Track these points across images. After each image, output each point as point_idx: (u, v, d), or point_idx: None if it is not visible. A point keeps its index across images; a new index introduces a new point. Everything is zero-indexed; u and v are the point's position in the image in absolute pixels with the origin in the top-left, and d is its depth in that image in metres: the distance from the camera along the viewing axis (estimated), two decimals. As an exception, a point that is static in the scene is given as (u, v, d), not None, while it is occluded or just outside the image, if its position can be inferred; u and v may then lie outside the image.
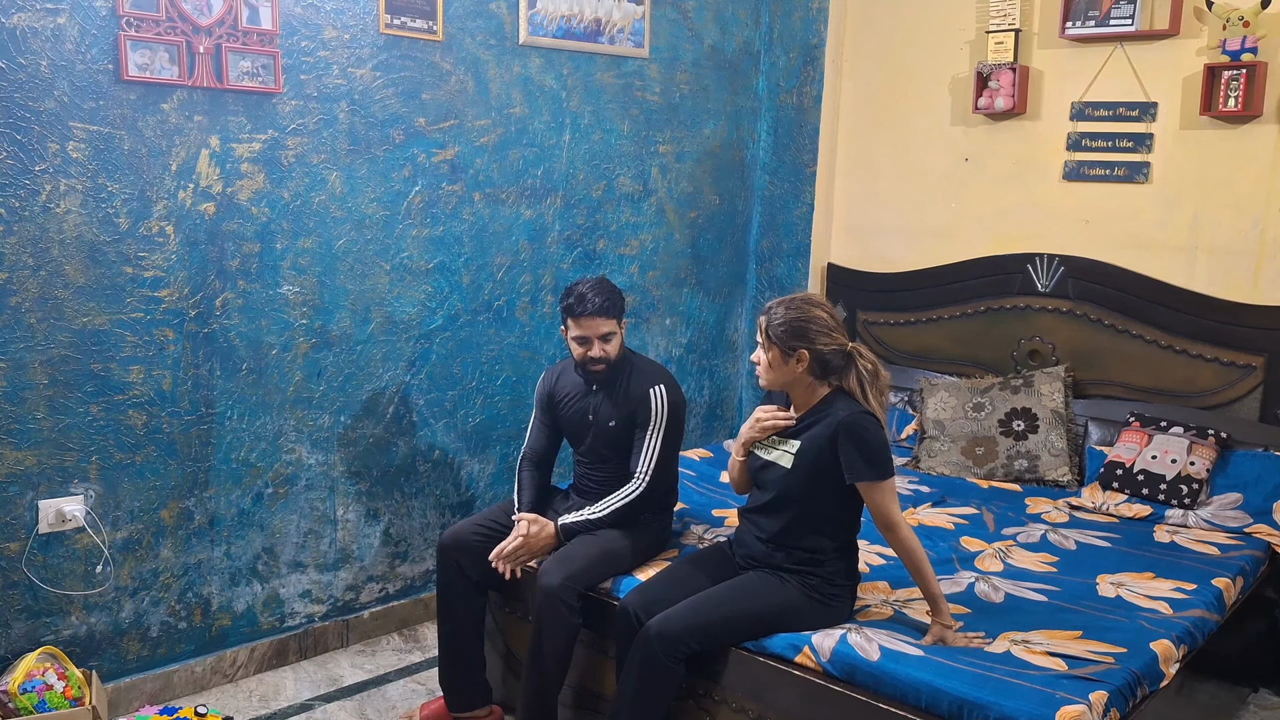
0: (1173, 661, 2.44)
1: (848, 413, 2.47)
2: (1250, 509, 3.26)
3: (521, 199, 3.74)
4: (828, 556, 2.53)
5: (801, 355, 2.50)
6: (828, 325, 2.51)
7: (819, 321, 2.50)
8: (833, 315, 2.54)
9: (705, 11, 4.22)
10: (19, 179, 2.67)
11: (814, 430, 2.52)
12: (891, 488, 2.47)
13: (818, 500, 2.53)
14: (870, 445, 2.45)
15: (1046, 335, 3.89)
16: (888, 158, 4.32)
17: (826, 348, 2.50)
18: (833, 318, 2.53)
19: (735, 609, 2.49)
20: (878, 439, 2.47)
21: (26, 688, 2.64)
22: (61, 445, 2.83)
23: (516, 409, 3.81)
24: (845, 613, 2.55)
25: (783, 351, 2.51)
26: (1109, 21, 3.64)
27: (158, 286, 2.94)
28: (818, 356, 2.50)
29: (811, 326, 2.50)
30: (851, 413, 2.47)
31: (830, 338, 2.51)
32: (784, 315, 2.51)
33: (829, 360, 2.51)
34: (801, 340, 2.49)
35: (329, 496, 3.39)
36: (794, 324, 2.50)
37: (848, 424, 2.46)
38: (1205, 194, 3.57)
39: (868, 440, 2.45)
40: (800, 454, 2.53)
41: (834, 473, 2.48)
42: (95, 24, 2.73)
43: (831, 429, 2.48)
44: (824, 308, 2.54)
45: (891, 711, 2.25)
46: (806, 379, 2.54)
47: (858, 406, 2.49)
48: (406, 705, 3.15)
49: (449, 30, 3.44)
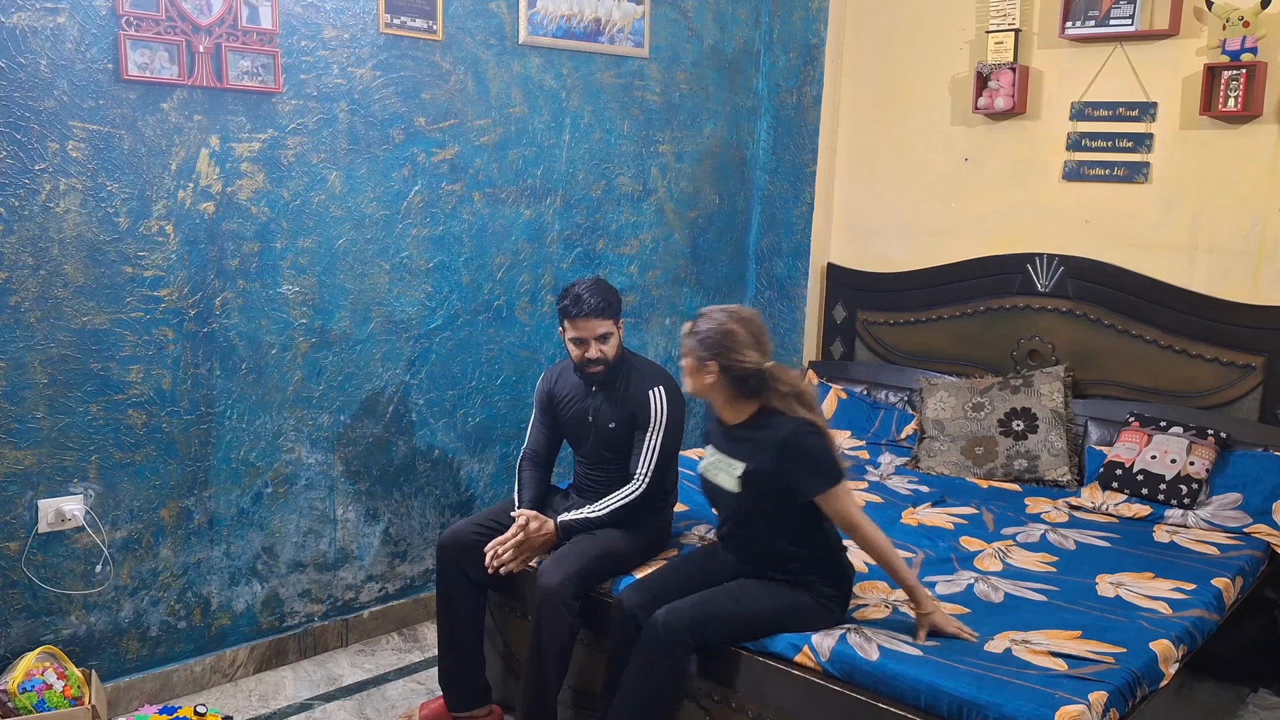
0: (1172, 661, 2.44)
1: (787, 430, 2.43)
2: (1250, 509, 3.26)
3: (521, 199, 3.74)
4: (807, 564, 2.51)
5: (710, 368, 2.45)
6: (742, 342, 2.43)
7: (734, 337, 2.43)
8: (754, 333, 2.45)
9: (705, 11, 4.22)
10: (19, 178, 2.67)
11: (754, 450, 2.47)
12: (846, 491, 2.44)
13: (778, 517, 2.50)
14: (816, 457, 2.41)
15: (1046, 335, 3.89)
16: (888, 158, 4.32)
17: (737, 365, 2.43)
18: (752, 335, 2.45)
19: (744, 605, 2.49)
20: (821, 448, 2.42)
21: (26, 687, 2.64)
22: (61, 445, 2.83)
23: (516, 409, 3.81)
24: (839, 615, 2.54)
25: (695, 360, 2.47)
26: (1109, 21, 3.64)
27: (157, 286, 2.94)
28: (728, 373, 2.44)
29: (725, 342, 2.43)
30: (790, 430, 2.42)
31: (742, 355, 2.43)
32: (704, 325, 2.47)
33: (742, 378, 2.45)
34: (711, 353, 2.44)
35: (329, 496, 3.39)
36: (708, 335, 2.45)
37: (789, 442, 2.41)
38: (1205, 194, 3.57)
39: (812, 453, 2.41)
40: (746, 476, 2.49)
41: (784, 491, 2.44)
42: (95, 23, 2.73)
43: (774, 448, 2.43)
44: (747, 324, 2.46)
45: (891, 711, 2.25)
46: (725, 392, 2.48)
47: (793, 420, 2.44)
48: (406, 705, 3.15)
49: (449, 30, 3.44)
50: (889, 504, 3.42)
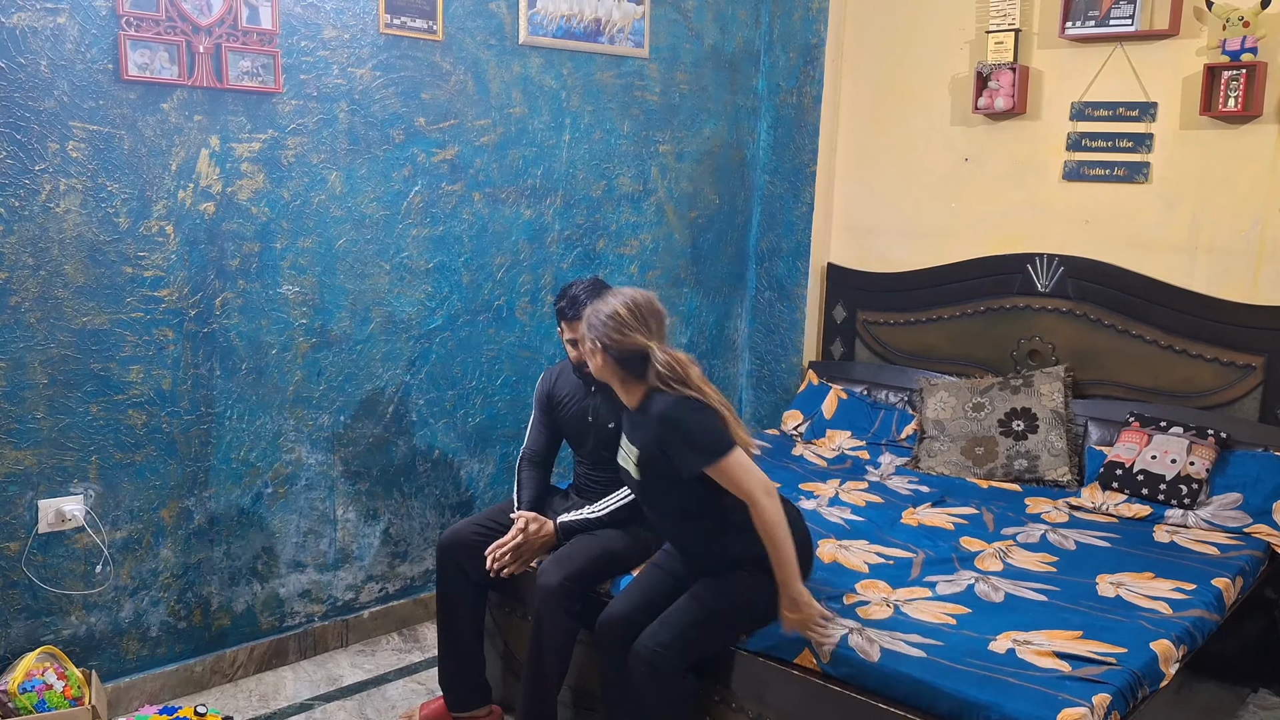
0: (1172, 661, 2.44)
1: (662, 406, 2.35)
2: (1250, 509, 3.26)
3: (521, 199, 3.74)
4: (741, 543, 2.42)
5: (597, 349, 2.39)
6: (624, 324, 2.35)
7: (617, 318, 2.36)
8: (641, 315, 2.38)
9: (705, 11, 4.22)
10: (19, 179, 2.67)
11: (642, 434, 2.43)
12: (736, 462, 2.31)
13: (684, 496, 2.43)
14: (692, 431, 2.32)
15: (1046, 335, 3.89)
16: (888, 158, 4.32)
17: (619, 346, 2.37)
18: (638, 317, 2.37)
19: (710, 607, 2.44)
20: (696, 422, 2.32)
21: (26, 687, 2.64)
22: (61, 445, 2.83)
23: (516, 409, 3.81)
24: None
25: (588, 343, 2.43)
26: (1109, 21, 3.64)
27: (158, 286, 2.94)
28: (612, 354, 2.38)
29: (608, 324, 2.37)
30: (666, 405, 2.34)
31: (624, 336, 2.36)
32: (594, 309, 2.42)
33: (627, 360, 2.38)
34: (594, 335, 2.38)
35: (329, 496, 3.39)
36: (592, 318, 2.40)
37: (664, 418, 2.34)
38: (1205, 194, 3.57)
39: (687, 427, 2.32)
40: (640, 463, 2.45)
41: (672, 471, 2.37)
42: (95, 24, 2.73)
43: (654, 429, 2.37)
44: (634, 306, 2.38)
45: (892, 712, 2.25)
46: (616, 375, 2.42)
47: (672, 397, 2.35)
48: (406, 705, 3.15)
49: (449, 30, 3.43)
50: (889, 504, 3.42)
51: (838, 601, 2.62)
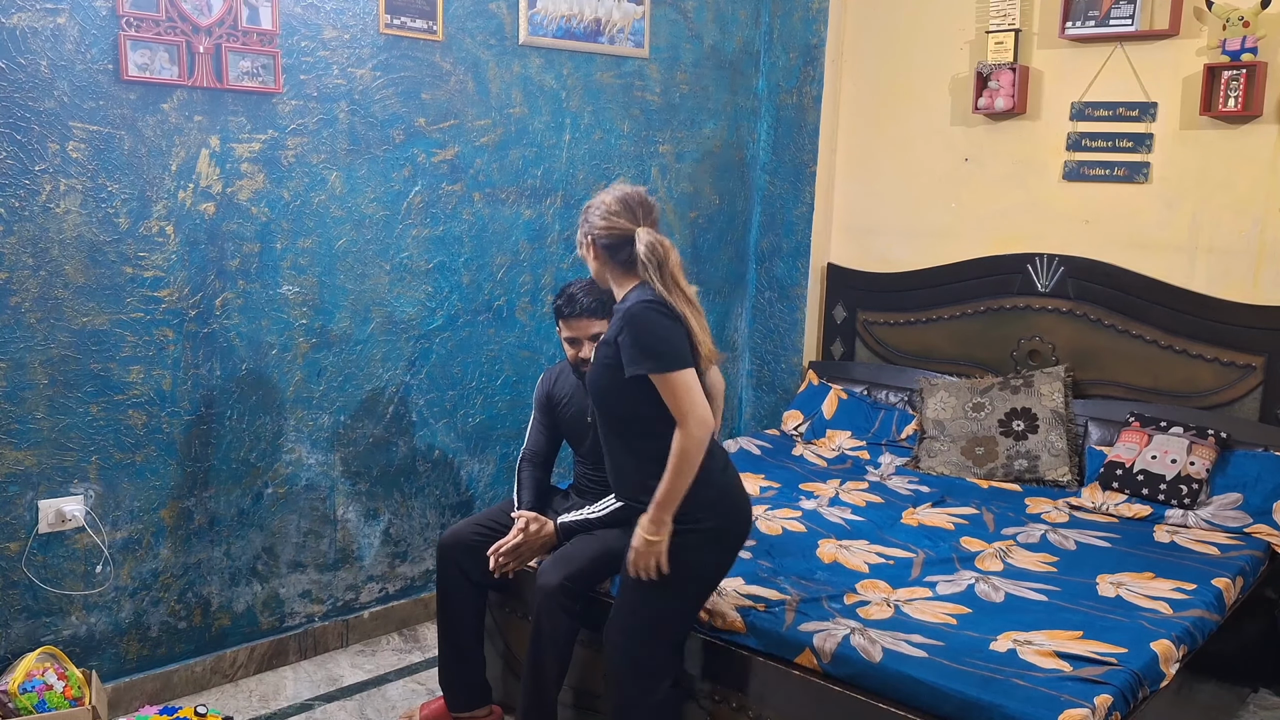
0: (1173, 661, 2.44)
1: (631, 301, 2.27)
2: (1250, 509, 3.26)
3: (521, 199, 3.74)
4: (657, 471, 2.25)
5: (587, 243, 2.35)
6: (609, 209, 2.32)
7: (600, 207, 2.33)
8: (625, 201, 2.32)
9: (705, 11, 4.22)
10: (19, 179, 2.67)
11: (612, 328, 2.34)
12: (681, 381, 2.19)
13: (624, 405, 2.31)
14: (648, 335, 2.21)
15: (1046, 335, 3.89)
16: (888, 158, 4.32)
17: (604, 234, 2.31)
18: (623, 205, 2.32)
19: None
20: (659, 328, 2.22)
21: (26, 688, 2.64)
22: (61, 445, 2.83)
23: (516, 409, 3.81)
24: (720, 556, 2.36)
25: (580, 243, 2.40)
26: (1109, 21, 3.64)
27: (158, 286, 2.94)
28: (600, 244, 2.33)
29: (593, 211, 2.34)
30: (635, 302, 2.26)
31: (609, 224, 2.30)
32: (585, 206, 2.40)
33: (615, 247, 2.31)
34: (584, 226, 2.35)
35: (329, 496, 3.39)
36: (584, 210, 2.38)
37: (629, 314, 2.24)
38: (1205, 194, 3.57)
39: (646, 329, 2.21)
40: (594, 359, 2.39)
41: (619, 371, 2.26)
42: (95, 24, 2.73)
43: (617, 322, 2.28)
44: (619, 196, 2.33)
45: (894, 713, 2.25)
46: (610, 270, 2.36)
47: (646, 294, 2.27)
48: (406, 705, 3.15)
49: (449, 30, 3.43)
50: (889, 504, 3.42)
51: (838, 601, 2.62)
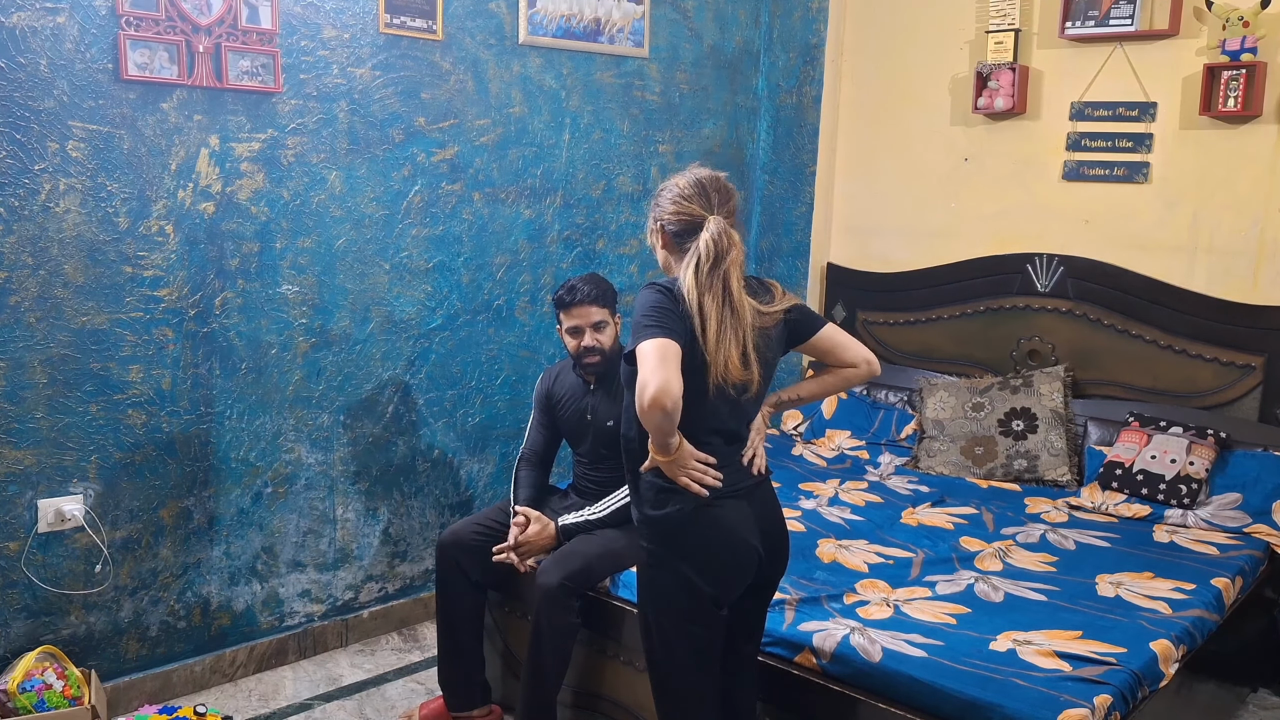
0: (1172, 661, 2.44)
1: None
2: (1249, 509, 3.26)
3: (521, 199, 3.74)
4: (633, 481, 2.17)
5: (655, 229, 2.19)
6: (680, 193, 2.13)
7: (671, 189, 2.16)
8: (699, 185, 2.14)
9: (705, 11, 4.22)
10: (19, 178, 2.67)
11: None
12: (641, 349, 1.98)
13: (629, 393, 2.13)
14: (637, 312, 2.05)
15: (1046, 335, 3.89)
16: (888, 158, 4.32)
17: (674, 219, 2.13)
18: (695, 186, 2.13)
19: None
20: (645, 304, 2.05)
21: (26, 687, 2.64)
22: (61, 445, 2.83)
23: (516, 409, 3.81)
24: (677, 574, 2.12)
25: (649, 229, 2.22)
26: (1109, 21, 3.64)
27: (157, 286, 2.94)
28: (669, 229, 2.15)
29: (664, 195, 2.17)
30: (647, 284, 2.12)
31: (679, 206, 2.12)
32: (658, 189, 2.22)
33: (681, 234, 2.12)
34: (654, 211, 2.19)
35: (328, 496, 3.39)
36: (655, 193, 2.20)
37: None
38: (1205, 194, 3.57)
39: (639, 307, 2.06)
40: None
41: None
42: (95, 23, 2.73)
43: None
44: (693, 179, 2.15)
45: (893, 713, 2.25)
46: (674, 254, 2.17)
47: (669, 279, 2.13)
48: (406, 705, 3.15)
49: (449, 30, 3.43)
50: (888, 504, 3.42)
51: (838, 601, 2.62)
